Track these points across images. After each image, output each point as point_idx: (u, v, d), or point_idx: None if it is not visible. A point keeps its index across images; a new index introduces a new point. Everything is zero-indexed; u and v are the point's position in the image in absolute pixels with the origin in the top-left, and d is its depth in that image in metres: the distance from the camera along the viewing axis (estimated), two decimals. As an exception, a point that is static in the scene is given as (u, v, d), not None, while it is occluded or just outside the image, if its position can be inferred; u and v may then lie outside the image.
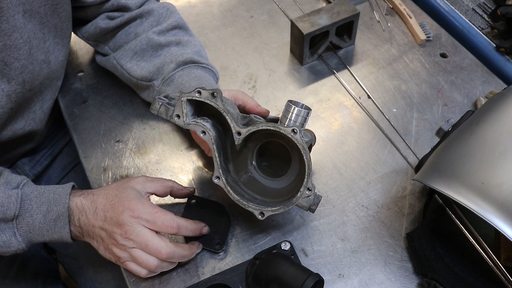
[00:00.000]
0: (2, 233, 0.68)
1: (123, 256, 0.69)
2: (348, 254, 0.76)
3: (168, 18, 0.91)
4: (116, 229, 0.68)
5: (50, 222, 0.70)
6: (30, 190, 0.71)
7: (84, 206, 0.70)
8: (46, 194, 0.71)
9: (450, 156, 0.66)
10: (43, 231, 0.70)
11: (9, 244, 0.69)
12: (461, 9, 1.13)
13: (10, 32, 0.72)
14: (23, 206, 0.69)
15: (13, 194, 0.68)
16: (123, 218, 0.68)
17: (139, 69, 0.87)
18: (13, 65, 0.75)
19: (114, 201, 0.69)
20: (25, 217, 0.69)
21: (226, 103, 0.71)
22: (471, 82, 0.98)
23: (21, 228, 0.69)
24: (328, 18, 0.97)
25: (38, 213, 0.69)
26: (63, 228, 0.70)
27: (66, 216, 0.70)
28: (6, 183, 0.70)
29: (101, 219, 0.69)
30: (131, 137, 0.91)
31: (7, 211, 0.67)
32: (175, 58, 0.85)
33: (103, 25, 0.90)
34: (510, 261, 0.70)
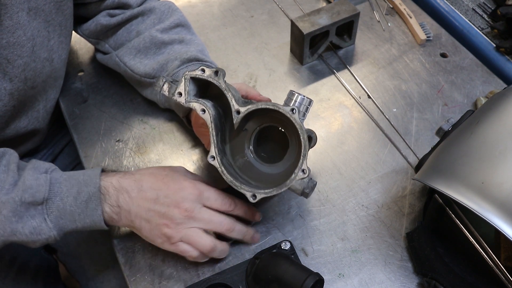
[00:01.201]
0: (32, 218, 0.66)
1: (176, 236, 0.67)
2: (348, 253, 0.76)
3: (170, 16, 0.91)
4: (173, 208, 0.66)
5: (81, 204, 0.67)
6: (59, 174, 0.69)
7: (123, 185, 0.68)
8: (76, 176, 0.69)
9: (450, 156, 0.66)
10: (75, 215, 0.67)
11: (39, 230, 0.66)
12: (461, 9, 1.13)
13: (13, 29, 0.72)
14: (53, 189, 0.67)
15: (41, 177, 0.66)
16: (184, 196, 0.66)
17: (142, 66, 0.87)
18: (16, 63, 0.75)
19: (166, 180, 0.68)
20: (55, 201, 0.66)
21: (229, 85, 0.71)
22: (471, 82, 0.98)
23: (51, 213, 0.66)
24: (328, 18, 0.97)
25: (69, 196, 0.67)
26: (95, 210, 0.67)
27: (98, 197, 0.67)
28: (34, 168, 0.68)
29: (151, 199, 0.67)
30: (131, 136, 0.91)
31: (37, 193, 0.65)
32: (179, 55, 0.85)
33: (104, 22, 0.90)
34: (510, 261, 0.70)
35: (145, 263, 0.75)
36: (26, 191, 0.65)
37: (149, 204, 0.67)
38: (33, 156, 1.01)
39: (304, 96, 0.70)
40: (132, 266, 0.75)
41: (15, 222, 0.65)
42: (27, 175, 0.66)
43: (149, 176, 0.69)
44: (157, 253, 0.76)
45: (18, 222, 0.65)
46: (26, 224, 0.65)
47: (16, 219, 0.65)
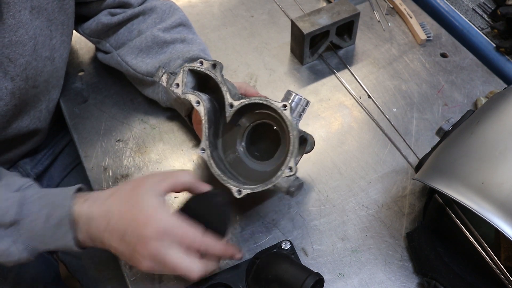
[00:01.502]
0: (0, 240, 0.62)
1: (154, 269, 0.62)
2: (348, 253, 0.76)
3: (172, 15, 0.91)
4: (140, 247, 0.60)
5: (51, 228, 0.63)
6: (31, 192, 0.65)
7: (94, 215, 0.63)
8: (48, 197, 0.64)
9: (450, 156, 0.66)
10: (46, 238, 0.64)
11: (8, 253, 0.63)
12: (461, 9, 1.13)
13: (16, 28, 0.72)
14: (22, 210, 0.63)
15: (11, 197, 0.63)
16: (147, 234, 0.60)
17: (144, 65, 0.87)
18: (17, 62, 0.74)
19: (134, 211, 0.61)
20: (25, 223, 0.62)
21: (226, 80, 0.71)
22: (471, 82, 0.98)
23: (21, 235, 0.63)
24: (329, 17, 0.97)
25: (39, 218, 0.63)
26: (66, 235, 0.63)
27: (67, 222, 0.62)
28: (6, 185, 0.65)
29: (119, 235, 0.62)
30: (132, 136, 0.91)
31: (4, 215, 0.61)
32: (181, 54, 0.85)
33: (105, 20, 0.90)
34: (510, 261, 0.70)
35: (145, 263, 0.75)
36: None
37: (118, 240, 0.63)
38: (34, 156, 1.01)
39: (301, 96, 0.70)
40: (132, 266, 0.75)
41: None
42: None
43: (118, 206, 0.63)
44: (157, 253, 0.76)
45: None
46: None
47: None
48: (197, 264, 0.62)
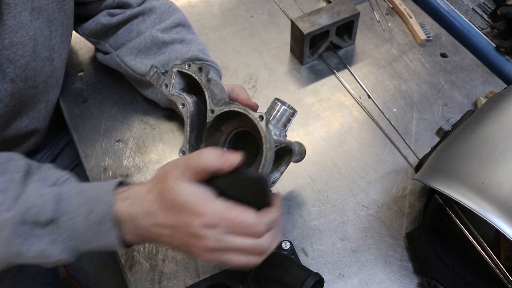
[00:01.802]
0: (39, 240, 0.57)
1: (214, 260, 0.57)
2: (348, 253, 0.76)
3: (171, 15, 0.91)
4: (195, 241, 0.55)
5: (93, 226, 0.57)
6: (70, 187, 0.60)
7: (136, 214, 0.58)
8: (88, 191, 0.59)
9: (450, 156, 0.66)
10: (87, 236, 0.58)
11: (47, 253, 0.58)
12: (461, 9, 1.13)
13: (16, 29, 0.72)
14: (60, 207, 0.57)
15: (47, 193, 0.58)
16: (196, 230, 0.55)
17: (143, 66, 0.87)
18: (18, 63, 0.74)
19: (171, 212, 0.56)
20: (64, 220, 0.57)
21: (214, 84, 0.71)
22: (471, 82, 0.98)
23: (61, 234, 0.58)
24: (328, 18, 0.97)
25: (80, 214, 0.57)
26: (109, 233, 0.57)
27: (110, 219, 0.57)
28: (41, 180, 0.59)
29: (169, 233, 0.57)
30: (131, 136, 0.91)
31: (40, 213, 0.57)
32: (180, 54, 0.85)
33: (104, 21, 0.90)
34: (510, 261, 0.70)
35: (145, 263, 0.75)
36: (29, 210, 0.57)
37: (170, 237, 0.57)
38: (33, 156, 1.01)
39: (287, 107, 0.68)
40: (132, 266, 0.75)
41: (19, 244, 0.57)
42: (31, 189, 0.58)
43: (158, 203, 0.57)
44: (157, 253, 0.76)
45: (23, 244, 0.57)
46: (32, 246, 0.58)
47: (20, 240, 0.57)
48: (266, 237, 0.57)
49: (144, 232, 0.58)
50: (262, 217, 0.56)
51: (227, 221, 0.54)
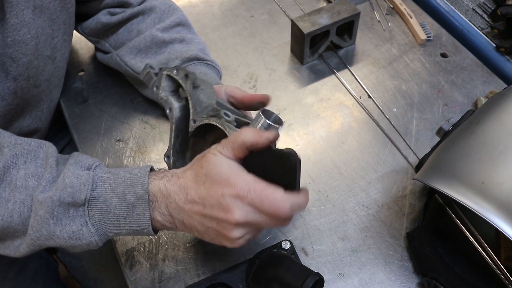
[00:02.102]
0: (72, 221, 0.59)
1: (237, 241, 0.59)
2: (348, 253, 0.76)
3: (171, 15, 0.91)
4: (223, 215, 0.57)
5: (127, 208, 0.60)
6: (103, 171, 0.62)
7: (170, 192, 0.60)
8: (122, 175, 0.61)
9: (450, 156, 0.66)
10: (120, 219, 0.60)
11: (79, 234, 0.60)
12: (461, 9, 1.13)
13: (19, 27, 0.72)
14: (95, 189, 0.60)
15: (83, 175, 0.60)
16: (226, 201, 0.57)
17: (143, 66, 0.87)
18: (20, 61, 0.74)
19: (207, 183, 0.58)
20: (98, 202, 0.59)
21: (202, 90, 0.69)
22: (472, 82, 0.98)
23: (93, 216, 0.60)
24: (329, 17, 0.97)
25: (113, 197, 0.60)
26: (143, 215, 0.60)
27: (146, 200, 0.59)
28: (76, 163, 0.61)
29: (198, 210, 0.59)
30: (132, 136, 0.91)
31: (77, 193, 0.58)
32: (180, 54, 0.85)
33: (105, 20, 0.90)
34: (510, 261, 0.70)
35: (145, 263, 0.75)
36: (66, 190, 0.59)
37: (198, 215, 0.59)
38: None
39: (270, 122, 0.64)
40: (132, 266, 0.75)
41: (53, 225, 0.59)
42: (68, 172, 0.60)
43: (192, 178, 0.60)
44: (157, 253, 0.76)
45: (56, 225, 0.59)
46: (65, 227, 0.59)
47: (54, 221, 0.59)
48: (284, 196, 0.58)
49: (175, 212, 0.60)
50: (289, 197, 0.58)
51: (255, 194, 0.57)
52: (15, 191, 0.59)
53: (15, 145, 0.61)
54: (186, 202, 0.59)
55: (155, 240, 0.77)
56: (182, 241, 0.77)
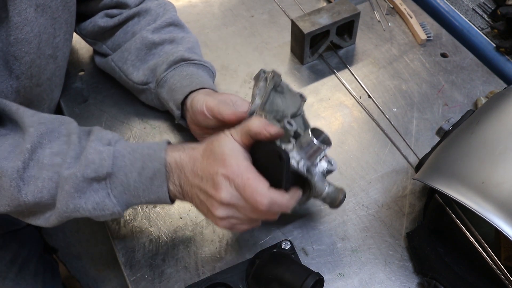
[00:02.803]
0: (95, 193, 0.64)
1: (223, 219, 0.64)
2: (348, 253, 0.76)
3: (163, 15, 0.91)
4: (214, 193, 0.62)
5: (146, 181, 0.64)
6: (123, 146, 0.65)
7: (182, 162, 0.65)
8: (141, 150, 0.65)
9: (450, 156, 0.66)
10: (139, 191, 0.65)
11: (103, 206, 0.64)
12: (461, 9, 1.13)
13: (21, 26, 0.72)
14: (116, 163, 0.64)
15: (104, 151, 0.63)
16: (218, 179, 0.61)
17: (135, 71, 0.87)
18: (23, 60, 0.74)
19: (210, 159, 0.63)
20: (119, 176, 0.64)
21: (283, 96, 0.71)
22: (472, 82, 0.98)
23: (115, 188, 0.64)
24: (329, 17, 0.97)
25: (133, 171, 0.64)
26: (161, 187, 0.64)
27: (163, 173, 0.64)
28: (97, 139, 0.65)
29: (199, 179, 0.64)
30: (132, 136, 0.91)
31: (99, 168, 0.63)
32: (166, 58, 0.85)
33: (102, 23, 0.90)
34: (510, 261, 0.70)
35: (145, 263, 0.75)
36: (89, 166, 0.62)
37: (197, 188, 0.64)
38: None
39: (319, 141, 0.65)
40: (132, 266, 0.75)
41: (78, 198, 0.63)
42: (90, 148, 0.64)
43: (200, 153, 0.65)
44: (157, 253, 0.76)
45: (81, 198, 0.63)
46: (89, 199, 0.64)
47: (79, 194, 0.63)
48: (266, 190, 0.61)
49: (184, 182, 0.65)
50: (270, 193, 0.62)
51: (242, 180, 0.61)
52: (43, 169, 0.62)
53: (39, 125, 0.65)
54: (191, 173, 0.64)
55: (155, 240, 0.77)
56: (182, 241, 0.77)
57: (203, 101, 0.77)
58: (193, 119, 0.81)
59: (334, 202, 0.70)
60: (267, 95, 0.69)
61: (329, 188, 0.70)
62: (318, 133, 0.68)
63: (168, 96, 0.83)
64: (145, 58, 0.87)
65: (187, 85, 0.81)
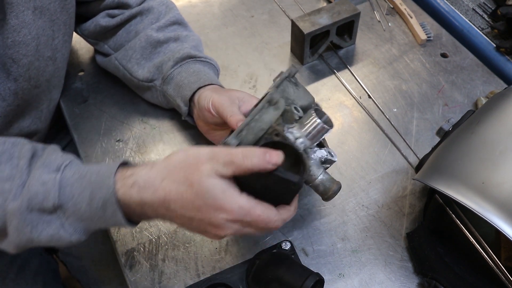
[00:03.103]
0: (47, 225, 0.58)
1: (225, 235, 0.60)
2: (348, 253, 0.76)
3: (166, 14, 0.91)
4: (211, 229, 0.58)
5: (97, 210, 0.58)
6: (71, 172, 0.59)
7: (147, 201, 0.57)
8: (89, 176, 0.59)
9: (450, 156, 0.66)
10: (94, 219, 0.59)
11: (58, 237, 0.59)
12: (461, 9, 1.13)
13: (19, 28, 0.72)
14: (63, 194, 0.58)
15: (49, 181, 0.58)
16: (218, 222, 0.57)
17: (140, 69, 0.87)
18: (21, 62, 0.74)
19: (196, 202, 0.56)
20: (69, 206, 0.58)
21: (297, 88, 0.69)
22: (472, 82, 0.98)
23: (68, 217, 0.58)
24: (329, 17, 0.97)
25: (82, 201, 0.58)
26: (115, 215, 0.58)
27: (113, 202, 0.57)
28: (44, 166, 0.59)
29: (184, 220, 0.59)
30: (132, 136, 0.91)
31: (44, 201, 0.57)
32: (172, 55, 0.85)
33: (104, 23, 0.90)
34: (510, 261, 0.70)
35: (145, 263, 0.75)
36: (33, 199, 0.57)
37: (184, 224, 0.60)
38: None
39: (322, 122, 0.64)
40: (132, 266, 0.75)
41: (29, 232, 0.58)
42: (33, 179, 0.58)
43: (176, 192, 0.57)
44: (157, 253, 0.76)
45: (32, 232, 0.58)
46: (42, 232, 0.59)
47: (29, 228, 0.58)
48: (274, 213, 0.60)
49: (157, 216, 0.60)
50: (282, 214, 0.61)
51: (250, 217, 0.57)
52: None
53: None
54: (166, 214, 0.59)
55: (155, 240, 0.77)
56: (182, 241, 0.77)
57: (210, 98, 0.77)
58: (200, 116, 0.81)
59: (327, 192, 0.67)
60: (281, 79, 0.68)
61: (323, 176, 0.67)
62: (321, 114, 0.66)
63: (175, 92, 0.83)
64: (150, 56, 0.87)
65: (194, 81, 0.82)
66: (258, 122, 0.65)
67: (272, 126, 0.65)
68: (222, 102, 0.74)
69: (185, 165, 0.58)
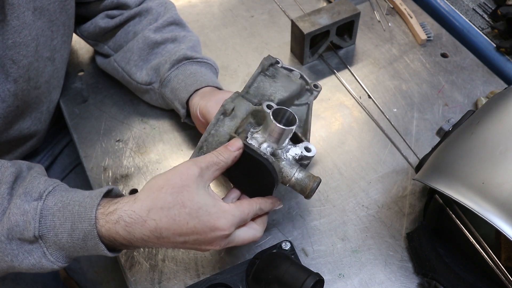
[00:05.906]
0: (29, 254, 0.58)
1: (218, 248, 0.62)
2: (348, 254, 0.76)
3: (164, 15, 0.91)
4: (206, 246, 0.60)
5: (78, 242, 0.58)
6: (54, 201, 0.59)
7: (135, 236, 0.57)
8: (71, 207, 0.58)
9: (450, 156, 0.66)
10: (76, 249, 0.59)
11: (40, 265, 0.58)
12: (461, 9, 1.13)
13: (20, 29, 0.72)
14: (44, 224, 0.57)
15: (30, 210, 0.57)
16: (213, 240, 0.58)
17: (138, 71, 0.87)
18: (21, 63, 0.74)
19: (191, 223, 0.57)
20: (50, 236, 0.57)
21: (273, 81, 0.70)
22: (472, 82, 0.98)
23: (50, 247, 0.58)
24: (329, 17, 0.97)
25: (63, 232, 0.57)
26: (96, 247, 0.58)
27: (94, 235, 0.57)
28: (25, 194, 0.58)
29: (176, 245, 0.59)
30: (131, 136, 0.91)
31: (24, 231, 0.56)
32: (169, 58, 0.85)
33: (103, 24, 0.90)
34: (510, 261, 0.70)
35: (145, 263, 0.75)
36: (13, 229, 0.57)
37: (176, 244, 0.60)
38: (33, 158, 1.01)
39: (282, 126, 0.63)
40: (132, 266, 0.75)
41: (10, 261, 0.58)
42: (13, 208, 0.57)
43: (167, 222, 0.56)
44: (157, 253, 0.76)
45: (13, 261, 0.58)
46: (23, 262, 0.58)
47: (10, 258, 0.58)
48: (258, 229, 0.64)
49: (145, 246, 0.61)
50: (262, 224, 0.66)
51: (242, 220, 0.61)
52: None
53: None
54: (157, 243, 0.59)
55: (155, 241, 0.77)
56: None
57: (197, 105, 0.77)
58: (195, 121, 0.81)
59: (305, 191, 0.65)
60: (252, 78, 0.68)
61: (298, 174, 0.65)
62: (282, 113, 0.65)
63: (173, 95, 0.83)
64: (147, 58, 0.87)
65: (191, 83, 0.81)
66: (215, 136, 0.65)
67: (231, 136, 0.65)
68: (209, 108, 0.74)
69: (170, 188, 0.57)
